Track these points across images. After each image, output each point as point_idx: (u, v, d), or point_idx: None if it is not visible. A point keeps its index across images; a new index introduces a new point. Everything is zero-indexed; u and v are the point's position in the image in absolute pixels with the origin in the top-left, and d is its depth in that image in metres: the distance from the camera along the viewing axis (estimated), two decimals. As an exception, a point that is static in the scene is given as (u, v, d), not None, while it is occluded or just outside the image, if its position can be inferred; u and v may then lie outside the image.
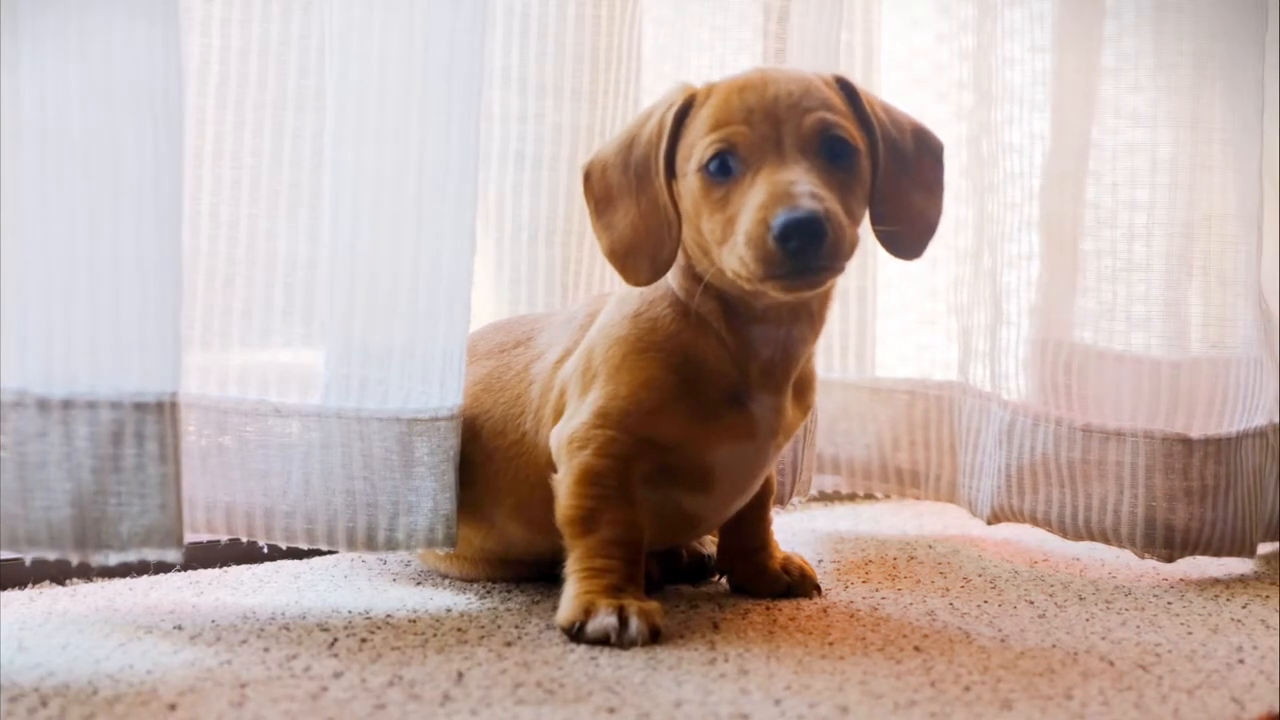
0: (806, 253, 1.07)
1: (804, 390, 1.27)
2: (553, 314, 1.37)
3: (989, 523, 1.58)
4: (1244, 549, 1.49)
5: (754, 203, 1.09)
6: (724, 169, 1.13)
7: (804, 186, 1.09)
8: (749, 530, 1.34)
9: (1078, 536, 1.51)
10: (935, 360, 1.77)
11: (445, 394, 1.26)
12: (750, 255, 1.09)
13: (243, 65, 1.27)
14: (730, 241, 1.11)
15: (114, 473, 1.08)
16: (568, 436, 1.20)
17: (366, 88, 1.23)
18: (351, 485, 1.24)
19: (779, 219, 1.07)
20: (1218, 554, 1.48)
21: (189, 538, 1.33)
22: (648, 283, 1.19)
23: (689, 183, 1.15)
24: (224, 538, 1.27)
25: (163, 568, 1.36)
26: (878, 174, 1.18)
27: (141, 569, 1.35)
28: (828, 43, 1.53)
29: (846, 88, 1.20)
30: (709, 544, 1.41)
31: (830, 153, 1.13)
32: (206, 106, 1.27)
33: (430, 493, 1.25)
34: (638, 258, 1.18)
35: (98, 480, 1.08)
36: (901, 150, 1.21)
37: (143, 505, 1.09)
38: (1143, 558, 1.49)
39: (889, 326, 1.80)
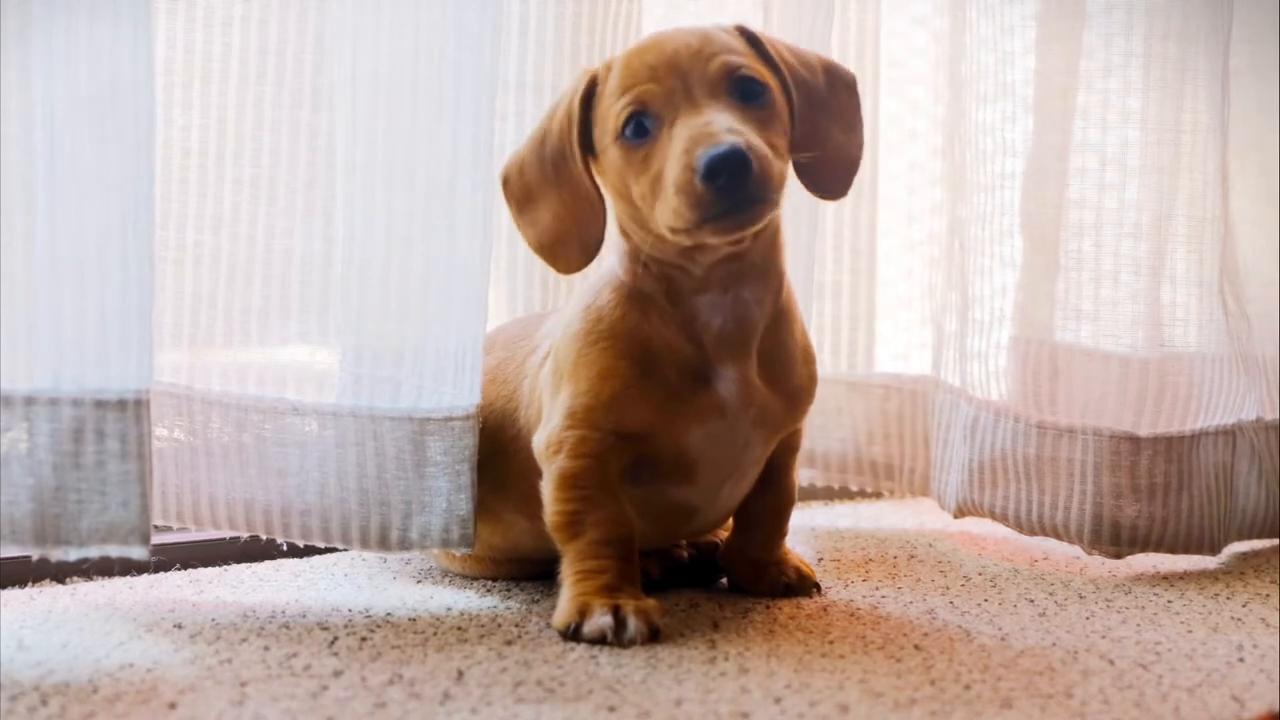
0: (735, 187, 1.07)
1: (783, 374, 1.23)
2: (560, 308, 1.36)
3: (955, 516, 1.59)
4: (1204, 547, 1.49)
5: (676, 151, 1.09)
6: (640, 131, 1.13)
7: (721, 124, 1.09)
8: (756, 540, 1.32)
9: (1031, 532, 1.52)
10: (921, 358, 1.76)
11: (459, 394, 1.25)
12: (682, 203, 1.08)
13: (261, 63, 1.27)
14: (661, 197, 1.11)
15: (74, 469, 1.08)
16: (544, 442, 1.20)
17: (378, 86, 1.23)
18: (364, 484, 1.24)
19: (702, 158, 1.07)
20: (1172, 551, 1.48)
21: (210, 534, 1.35)
22: (580, 268, 1.21)
23: (609, 155, 1.16)
24: (244, 534, 1.28)
25: (163, 565, 1.36)
26: (794, 113, 1.18)
27: (141, 568, 1.35)
28: (821, 40, 1.52)
29: (748, 34, 1.20)
30: (721, 534, 1.39)
31: (742, 93, 1.13)
32: (227, 105, 1.27)
33: (444, 493, 1.25)
34: (567, 245, 1.20)
35: (58, 476, 1.08)
36: (814, 88, 1.21)
37: (103, 502, 1.09)
38: (1090, 554, 1.49)
39: (883, 324, 1.80)
